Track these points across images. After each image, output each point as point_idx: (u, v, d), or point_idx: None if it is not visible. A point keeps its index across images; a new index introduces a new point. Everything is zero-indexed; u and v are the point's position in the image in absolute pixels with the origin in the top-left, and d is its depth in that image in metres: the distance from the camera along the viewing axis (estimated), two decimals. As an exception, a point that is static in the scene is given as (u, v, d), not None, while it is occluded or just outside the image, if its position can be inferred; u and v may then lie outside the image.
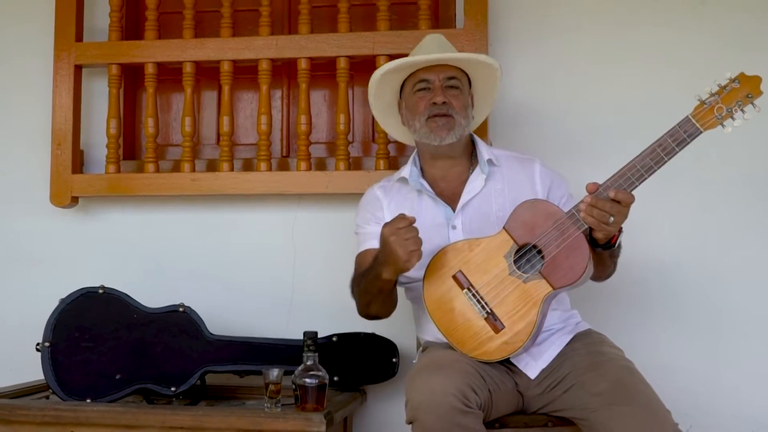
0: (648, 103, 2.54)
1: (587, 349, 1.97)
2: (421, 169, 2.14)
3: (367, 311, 2.08)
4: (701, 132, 1.82)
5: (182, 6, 2.67)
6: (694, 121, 1.82)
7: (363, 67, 2.67)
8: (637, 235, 2.41)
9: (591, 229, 1.85)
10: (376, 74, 2.14)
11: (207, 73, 2.77)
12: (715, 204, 2.51)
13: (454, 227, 2.04)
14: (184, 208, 2.72)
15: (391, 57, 2.53)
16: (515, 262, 1.89)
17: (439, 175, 2.12)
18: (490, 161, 2.10)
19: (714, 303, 2.48)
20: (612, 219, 1.80)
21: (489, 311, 1.89)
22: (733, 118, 1.81)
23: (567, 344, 2.00)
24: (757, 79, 1.82)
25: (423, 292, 1.95)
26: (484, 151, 2.11)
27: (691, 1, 2.56)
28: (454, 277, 1.92)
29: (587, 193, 1.83)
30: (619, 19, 2.59)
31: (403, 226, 1.83)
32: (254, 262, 2.68)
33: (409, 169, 2.13)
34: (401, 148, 2.78)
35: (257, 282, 2.67)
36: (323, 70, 2.69)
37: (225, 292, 2.65)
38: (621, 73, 2.57)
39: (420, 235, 1.86)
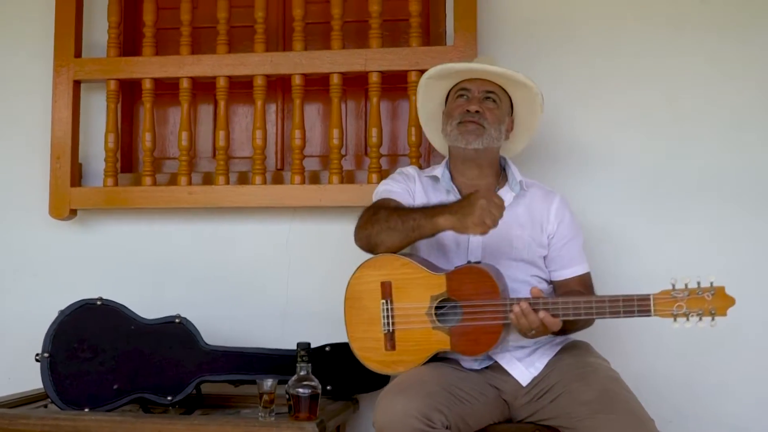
0: (639, 120, 2.60)
1: (574, 359, 2.03)
2: (451, 176, 2.20)
3: (374, 235, 2.03)
4: (650, 315, 1.85)
5: (179, 23, 2.73)
6: (652, 303, 1.85)
7: (356, 82, 2.73)
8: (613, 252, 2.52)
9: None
10: (422, 80, 2.25)
11: (203, 87, 2.82)
12: (692, 215, 2.57)
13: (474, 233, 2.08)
14: (181, 221, 2.77)
15: (383, 73, 2.61)
16: (437, 307, 1.96)
17: (468, 183, 2.18)
18: (521, 183, 2.17)
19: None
20: (533, 332, 1.90)
21: (391, 330, 1.98)
22: (687, 320, 1.82)
23: (555, 354, 2.06)
24: (729, 302, 1.81)
25: (355, 271, 2.03)
26: (516, 173, 2.19)
27: (680, 22, 2.62)
28: (383, 284, 2.00)
29: (530, 295, 1.91)
30: (609, 36, 2.64)
31: (497, 203, 1.88)
32: (249, 273, 2.73)
33: (441, 171, 2.20)
34: (393, 160, 2.85)
35: (252, 293, 2.72)
36: (317, 84, 2.74)
37: (221, 303, 2.70)
38: (611, 91, 2.62)
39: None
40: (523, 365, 2.04)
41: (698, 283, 1.82)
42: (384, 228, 2.02)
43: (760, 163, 2.56)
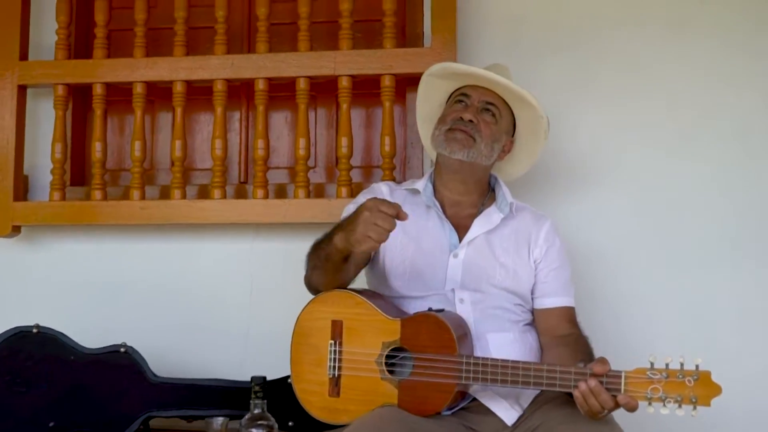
0: (637, 132, 2.41)
1: (562, 398, 1.80)
2: (434, 190, 2.01)
3: (309, 279, 1.93)
4: (620, 394, 1.60)
5: (134, 23, 2.51)
6: (623, 381, 1.61)
7: (327, 88, 2.53)
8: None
9: None
10: (423, 77, 2.08)
11: (164, 93, 2.60)
12: (695, 236, 2.38)
13: (455, 256, 1.92)
14: (134, 239, 2.56)
15: (354, 78, 2.39)
16: (388, 355, 1.77)
17: (452, 199, 2.00)
18: (511, 206, 1.99)
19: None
20: (605, 413, 1.66)
21: (337, 375, 1.79)
22: (663, 405, 1.58)
23: (540, 393, 1.85)
24: (714, 390, 1.57)
25: (307, 304, 1.85)
26: (507, 194, 2.01)
27: (681, 25, 2.43)
28: (334, 322, 1.80)
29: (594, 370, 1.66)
30: (605, 40, 2.45)
31: (384, 211, 1.65)
32: (208, 296, 2.52)
33: (424, 184, 2.02)
34: (368, 173, 2.63)
35: (211, 317, 2.51)
36: (285, 90, 2.53)
37: (175, 330, 2.49)
38: (607, 100, 2.44)
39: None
40: (508, 402, 1.83)
41: (681, 365, 1.58)
42: (311, 268, 1.91)
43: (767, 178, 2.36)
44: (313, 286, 1.92)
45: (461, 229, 1.97)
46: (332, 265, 1.81)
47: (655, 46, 2.43)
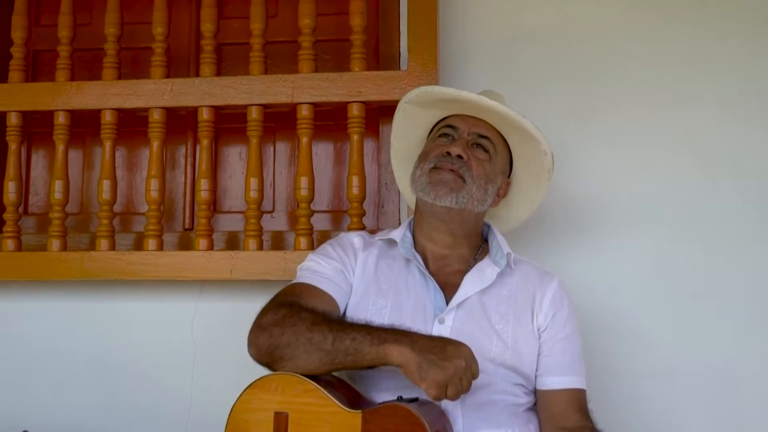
0: (652, 170, 2.06)
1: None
2: (414, 240, 1.67)
3: (283, 353, 1.43)
4: None
5: (56, 42, 2.13)
6: None
7: (287, 118, 2.14)
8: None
9: None
10: (399, 105, 1.74)
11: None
12: (723, 297, 1.99)
13: (441, 322, 1.56)
14: (52, 297, 2.16)
15: (317, 105, 2.01)
16: None
17: (436, 252, 1.65)
18: (509, 257, 1.64)
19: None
20: None
21: None
22: None
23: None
24: None
25: (243, 392, 1.46)
26: (503, 243, 1.66)
27: (690, 60, 2.08)
28: (277, 415, 1.41)
29: None
30: (612, 60, 2.10)
31: (472, 375, 1.37)
32: (141, 367, 2.12)
33: (401, 233, 1.66)
34: (337, 218, 2.24)
35: (146, 392, 2.11)
36: (240, 121, 2.14)
37: (105, 406, 2.10)
38: (617, 132, 2.08)
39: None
40: None
41: None
42: (302, 341, 1.42)
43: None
44: (280, 355, 1.44)
45: (448, 288, 1.60)
46: (351, 362, 1.40)
47: (674, 76, 2.08)
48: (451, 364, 1.34)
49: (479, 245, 1.69)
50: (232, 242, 2.18)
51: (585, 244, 2.05)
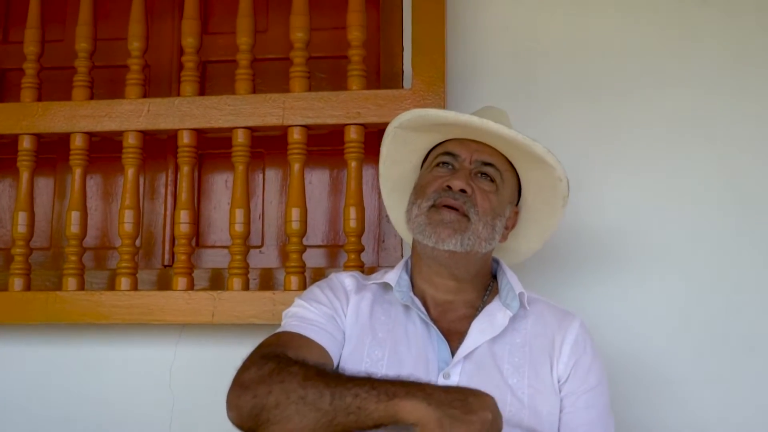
0: (665, 200, 1.87)
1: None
2: (412, 283, 1.47)
3: (271, 415, 1.19)
4: None
5: (23, 58, 1.94)
6: None
7: (277, 143, 1.93)
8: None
9: None
10: (388, 129, 1.54)
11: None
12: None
13: (446, 377, 1.37)
14: (16, 341, 1.95)
15: (310, 128, 1.81)
16: None
17: (438, 297, 1.46)
18: (521, 297, 1.44)
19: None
20: None
21: None
22: None
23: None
24: None
25: None
26: (514, 282, 1.47)
27: (725, 79, 1.89)
28: None
29: None
30: (627, 85, 1.91)
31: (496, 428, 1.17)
32: (116, 419, 1.90)
33: (397, 275, 1.47)
34: (333, 254, 2.03)
35: (119, 448, 1.87)
36: (226, 146, 1.94)
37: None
38: (640, 158, 1.88)
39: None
40: None
41: None
42: (294, 399, 1.18)
43: None
44: (267, 418, 1.20)
45: (453, 336, 1.40)
46: (352, 422, 1.17)
47: (704, 97, 1.89)
48: (477, 417, 1.13)
49: (488, 285, 1.49)
50: (217, 280, 1.98)
51: (605, 283, 1.84)
